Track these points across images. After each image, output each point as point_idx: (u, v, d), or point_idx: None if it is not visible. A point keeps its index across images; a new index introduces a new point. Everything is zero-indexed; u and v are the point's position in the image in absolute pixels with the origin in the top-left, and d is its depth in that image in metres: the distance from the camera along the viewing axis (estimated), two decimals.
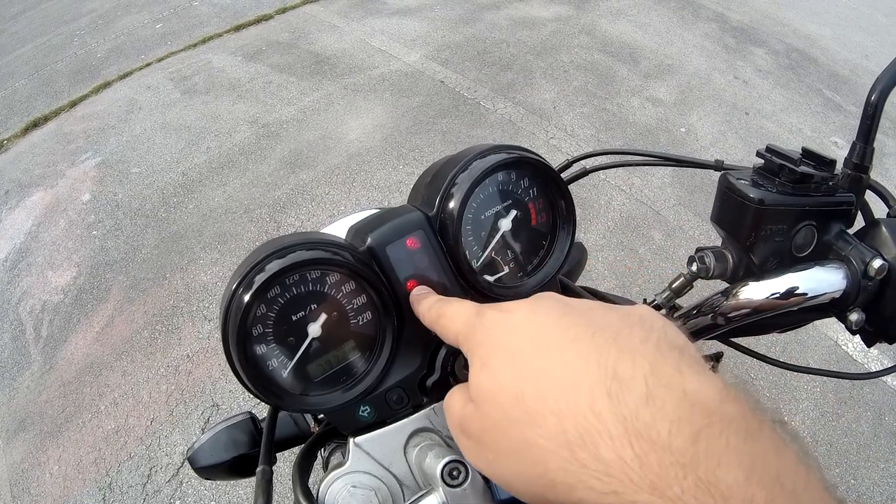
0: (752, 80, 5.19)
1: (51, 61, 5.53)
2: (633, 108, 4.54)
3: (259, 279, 0.58)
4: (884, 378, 2.93)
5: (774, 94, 5.05)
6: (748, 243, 0.65)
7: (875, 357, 2.97)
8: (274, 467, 0.69)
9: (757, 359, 0.78)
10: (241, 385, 0.61)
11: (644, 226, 3.51)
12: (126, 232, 3.43)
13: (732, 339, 0.76)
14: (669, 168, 3.48)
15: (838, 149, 4.49)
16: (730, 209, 0.67)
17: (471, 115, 4.25)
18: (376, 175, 3.68)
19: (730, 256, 0.69)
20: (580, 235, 3.31)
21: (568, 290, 0.78)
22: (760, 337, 2.46)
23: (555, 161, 0.90)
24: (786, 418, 2.70)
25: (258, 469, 0.68)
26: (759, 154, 0.67)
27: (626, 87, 4.78)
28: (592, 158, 0.92)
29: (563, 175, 0.82)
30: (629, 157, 0.89)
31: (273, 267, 0.59)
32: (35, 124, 4.58)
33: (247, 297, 0.58)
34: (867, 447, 2.69)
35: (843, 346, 2.97)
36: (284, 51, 5.07)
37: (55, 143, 4.31)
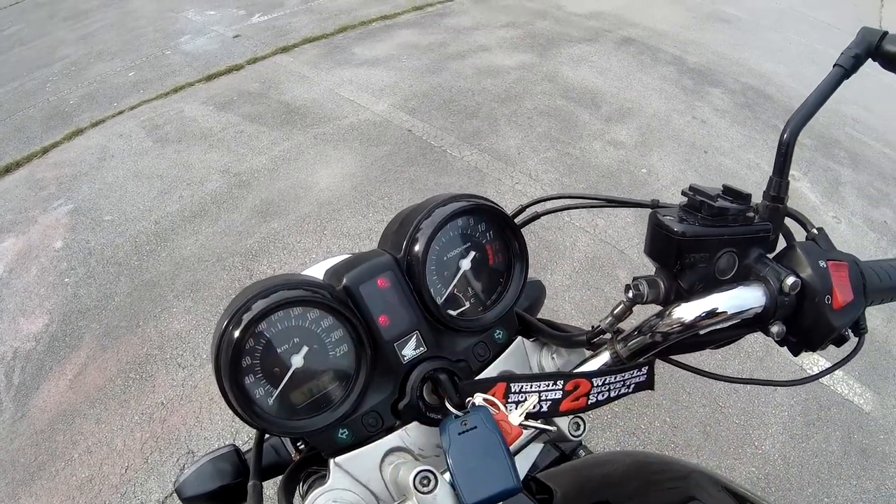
0: (709, 119, 5.38)
1: (23, 107, 5.57)
2: (595, 151, 4.70)
3: (247, 317, 0.66)
4: (850, 398, 3.09)
5: (732, 131, 5.25)
6: (675, 270, 0.73)
7: (841, 378, 3.12)
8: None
9: (692, 372, 0.84)
10: (231, 411, 0.68)
11: (609, 265, 3.63)
12: (99, 279, 3.47)
13: (672, 357, 0.82)
14: (631, 209, 3.64)
15: (795, 181, 4.69)
16: (658, 242, 0.74)
17: (437, 162, 4.38)
18: (347, 223, 3.78)
19: (661, 283, 0.75)
20: (546, 276, 3.43)
21: (525, 323, 0.87)
22: (735, 359, 2.60)
23: (513, 205, 1.00)
24: (756, 442, 2.83)
25: (249, 484, 0.74)
26: (683, 193, 0.75)
27: (588, 132, 4.95)
28: (542, 203, 1.00)
29: (516, 219, 0.92)
30: (575, 201, 0.97)
31: (259, 306, 0.67)
32: (7, 170, 4.61)
33: (236, 333, 0.65)
34: (838, 465, 2.79)
35: (808, 370, 3.10)
36: (255, 101, 5.17)
37: (27, 189, 4.35)
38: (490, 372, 0.81)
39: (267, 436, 0.89)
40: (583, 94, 5.50)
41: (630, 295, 0.74)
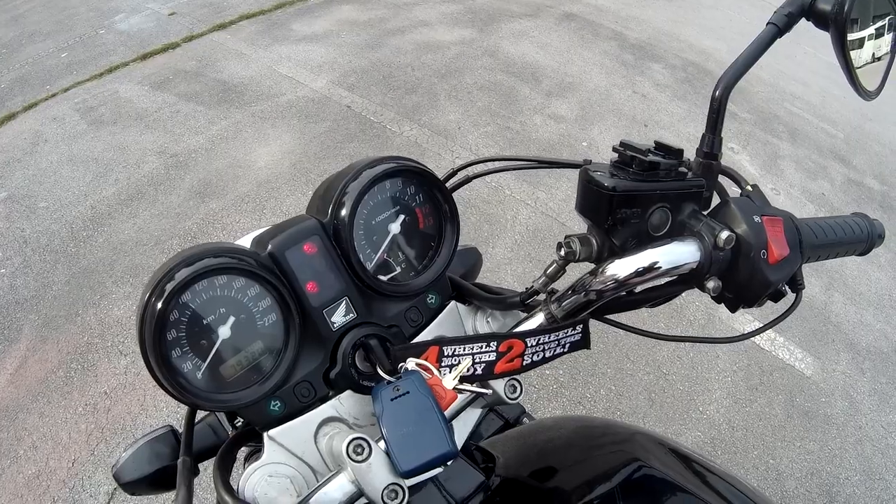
0: (650, 93, 5.48)
1: None
2: (535, 125, 4.74)
3: (169, 287, 0.64)
4: (791, 363, 3.20)
5: (672, 106, 5.36)
6: (606, 226, 0.72)
7: (782, 344, 3.23)
8: (197, 479, 0.75)
9: (628, 331, 0.84)
10: (159, 387, 0.66)
11: (550, 237, 3.68)
12: (35, 269, 3.41)
13: (607, 317, 0.82)
14: (573, 182, 3.73)
15: (734, 153, 4.84)
16: (589, 198, 0.73)
17: (377, 138, 4.37)
18: (286, 201, 3.77)
19: (594, 240, 0.75)
20: (487, 249, 3.48)
21: (459, 287, 0.87)
22: (678, 327, 2.67)
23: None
24: (701, 408, 2.92)
25: (179, 460, 0.74)
26: (614, 149, 0.75)
27: (528, 106, 4.99)
28: (474, 167, 0.98)
29: (448, 183, 0.91)
30: (506, 163, 0.95)
31: (181, 275, 0.65)
32: None
33: (159, 305, 0.64)
34: (781, 428, 2.91)
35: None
36: (192, 79, 5.07)
37: None
38: (423, 337, 0.81)
39: (202, 413, 0.86)
40: (523, 69, 5.52)
41: (562, 253, 0.75)
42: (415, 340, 0.80)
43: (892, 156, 5.78)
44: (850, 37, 0.77)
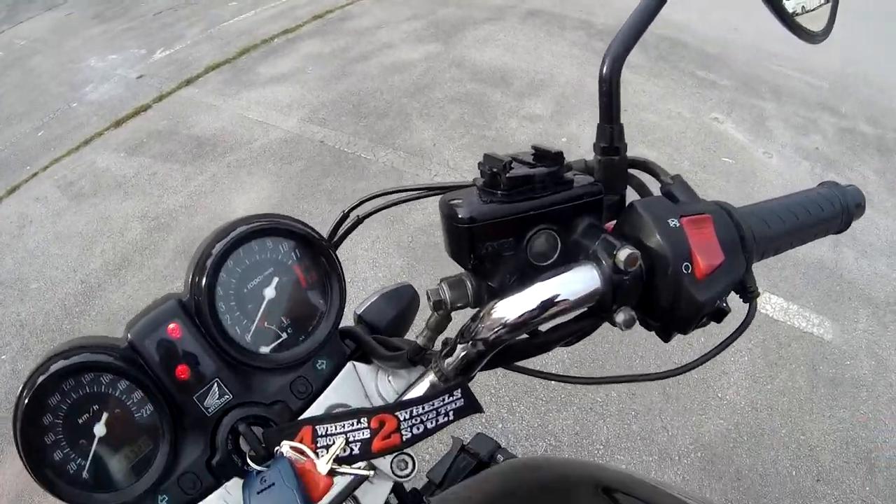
0: (625, 77, 5.33)
1: None
2: (511, 129, 4.73)
3: (26, 395, 0.61)
4: (809, 330, 3.05)
5: (649, 86, 5.34)
6: (471, 266, 0.61)
7: (796, 311, 3.15)
8: None
9: (543, 378, 0.74)
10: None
11: None
12: (34, 350, 3.43)
13: (517, 364, 0.70)
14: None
15: (719, 124, 4.79)
16: (451, 235, 0.62)
17: (353, 168, 4.38)
18: None
19: (468, 282, 0.63)
20: None
21: (359, 343, 0.77)
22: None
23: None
24: (719, 394, 2.84)
25: None
26: (479, 165, 0.62)
27: (502, 111, 4.98)
28: (364, 205, 0.85)
29: (340, 228, 0.82)
30: (397, 196, 0.83)
31: (38, 380, 0.62)
32: None
33: (22, 412, 0.61)
34: (808, 401, 2.78)
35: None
36: (165, 139, 5.11)
37: None
38: (316, 409, 0.72)
39: None
40: (492, 75, 5.52)
41: (430, 304, 0.64)
42: (306, 415, 0.71)
43: (880, 96, 5.72)
44: None
